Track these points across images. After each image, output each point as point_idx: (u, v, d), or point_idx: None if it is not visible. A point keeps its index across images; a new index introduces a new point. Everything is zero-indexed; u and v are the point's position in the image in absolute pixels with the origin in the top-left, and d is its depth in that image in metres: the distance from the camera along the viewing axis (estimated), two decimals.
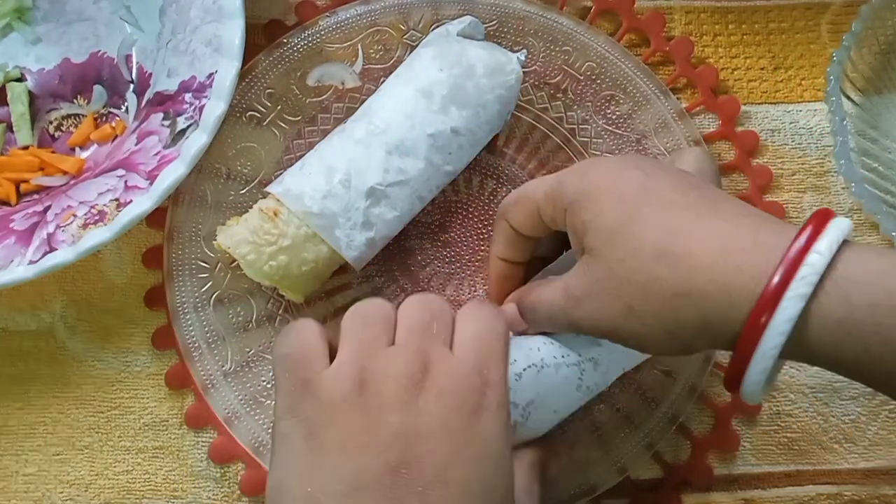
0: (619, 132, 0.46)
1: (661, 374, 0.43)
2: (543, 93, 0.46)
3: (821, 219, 0.28)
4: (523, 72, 0.43)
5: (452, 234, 0.45)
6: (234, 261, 0.40)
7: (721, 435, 0.44)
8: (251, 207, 0.41)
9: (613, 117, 0.46)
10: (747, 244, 0.29)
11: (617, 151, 0.46)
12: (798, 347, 0.28)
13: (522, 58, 0.43)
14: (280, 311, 0.44)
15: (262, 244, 0.39)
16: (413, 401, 0.27)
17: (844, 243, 0.28)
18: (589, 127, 0.46)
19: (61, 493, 0.44)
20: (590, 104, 0.46)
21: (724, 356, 0.45)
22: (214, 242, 0.41)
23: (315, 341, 0.29)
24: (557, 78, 0.46)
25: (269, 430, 0.42)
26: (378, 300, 0.30)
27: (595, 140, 0.46)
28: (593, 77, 0.46)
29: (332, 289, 0.44)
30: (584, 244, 0.32)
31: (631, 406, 0.43)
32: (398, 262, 0.45)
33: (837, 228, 0.28)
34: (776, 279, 0.27)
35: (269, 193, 0.41)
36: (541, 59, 0.46)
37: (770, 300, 0.27)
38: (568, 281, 0.33)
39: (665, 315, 0.29)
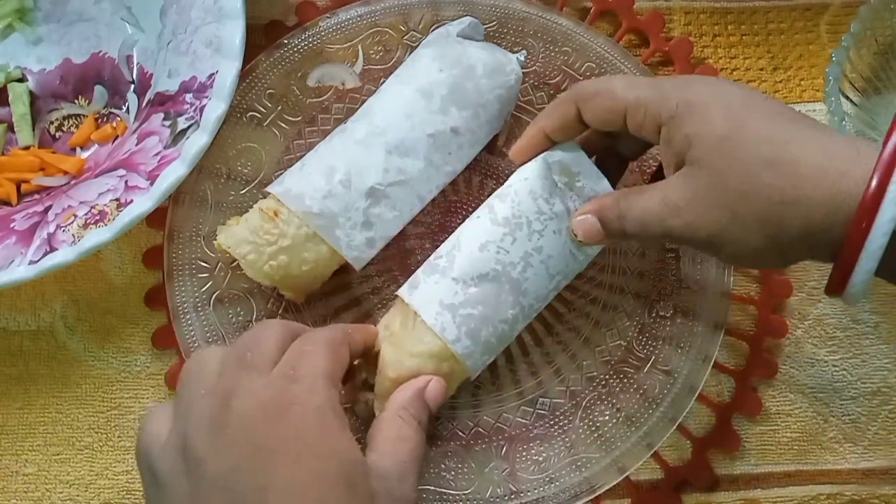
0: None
1: (661, 373, 0.43)
2: (543, 93, 0.46)
3: None
4: (523, 72, 0.43)
5: (445, 236, 0.45)
6: (235, 261, 0.40)
7: (721, 435, 0.44)
8: (251, 207, 0.41)
9: None
10: (851, 151, 0.30)
11: None
12: None
13: (522, 58, 0.43)
14: (280, 311, 0.44)
15: (262, 244, 0.39)
16: (218, 440, 0.28)
17: None
18: None
19: (61, 493, 0.44)
20: None
21: (725, 359, 0.45)
22: (215, 242, 0.41)
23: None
24: (557, 78, 0.46)
25: None
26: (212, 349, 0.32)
27: None
28: (593, 77, 0.46)
29: (332, 289, 0.44)
30: (686, 157, 0.32)
31: (631, 406, 0.43)
32: (398, 261, 0.45)
33: None
34: (874, 182, 0.28)
35: (269, 193, 0.41)
36: (540, 59, 0.46)
37: (871, 203, 0.28)
38: (665, 191, 0.33)
39: (769, 221, 0.30)
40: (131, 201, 0.40)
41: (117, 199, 0.41)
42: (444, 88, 0.41)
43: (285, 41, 0.46)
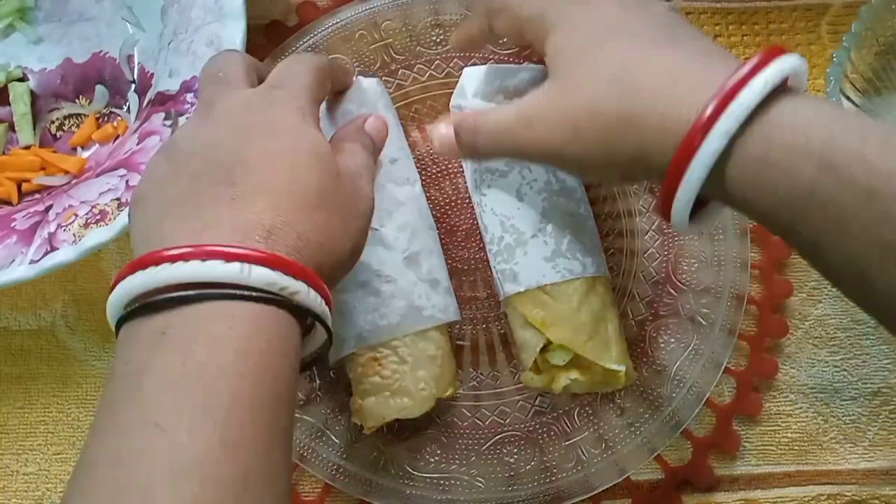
0: None
1: (666, 379, 0.43)
2: None
3: (767, 55, 0.28)
4: None
5: (459, 235, 0.45)
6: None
7: (722, 435, 0.44)
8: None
9: None
10: (695, 78, 0.29)
11: None
12: (720, 182, 0.29)
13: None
14: None
15: (396, 390, 0.39)
16: (200, 130, 0.31)
17: (787, 91, 0.28)
18: None
19: (62, 492, 0.44)
20: None
21: (733, 363, 0.45)
22: (365, 431, 0.40)
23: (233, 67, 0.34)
24: None
25: None
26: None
27: None
28: None
29: None
30: (548, 70, 0.33)
31: (634, 410, 0.43)
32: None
33: (777, 68, 0.28)
34: (707, 113, 0.28)
35: (343, 360, 0.40)
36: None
37: (698, 134, 0.28)
38: (522, 103, 0.34)
39: (606, 140, 0.31)
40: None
41: (118, 199, 0.41)
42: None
43: None
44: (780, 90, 0.28)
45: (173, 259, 0.26)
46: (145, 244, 0.28)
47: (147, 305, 0.27)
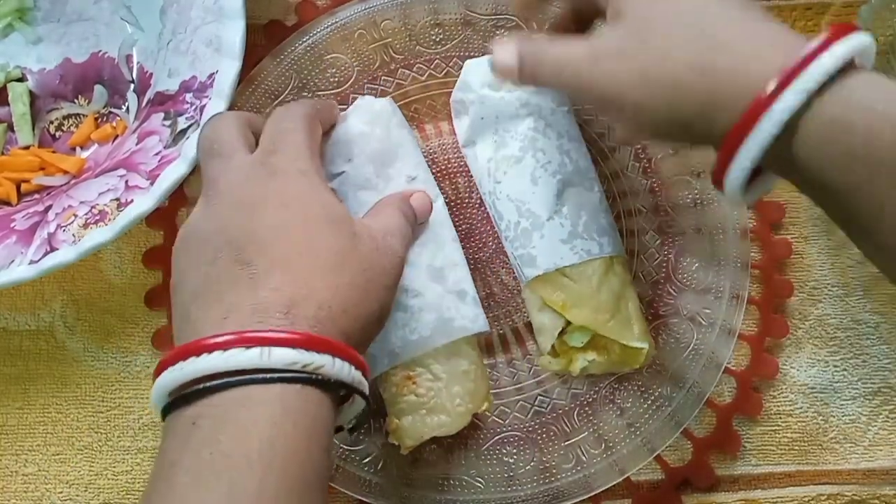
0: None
1: (666, 378, 0.43)
2: None
3: (841, 30, 0.28)
4: None
5: (458, 235, 0.45)
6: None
7: (722, 436, 0.44)
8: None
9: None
10: (772, 37, 0.28)
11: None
12: (787, 143, 0.27)
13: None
14: None
15: (432, 408, 0.38)
16: (207, 213, 0.31)
17: (855, 66, 0.28)
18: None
19: (61, 493, 0.44)
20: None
21: (733, 363, 0.45)
22: (403, 451, 0.39)
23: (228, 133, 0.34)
24: None
25: None
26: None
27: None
28: None
29: None
30: (617, 6, 0.31)
31: (634, 411, 0.43)
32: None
33: (856, 40, 0.27)
34: (788, 69, 0.27)
35: (380, 379, 0.40)
36: None
37: (778, 88, 0.27)
38: (592, 40, 0.32)
39: (674, 88, 0.29)
40: (131, 201, 0.40)
41: (117, 199, 0.41)
42: (356, 180, 0.40)
43: None
44: (850, 65, 0.28)
45: (198, 352, 0.27)
46: (179, 336, 0.29)
47: (182, 397, 0.27)
